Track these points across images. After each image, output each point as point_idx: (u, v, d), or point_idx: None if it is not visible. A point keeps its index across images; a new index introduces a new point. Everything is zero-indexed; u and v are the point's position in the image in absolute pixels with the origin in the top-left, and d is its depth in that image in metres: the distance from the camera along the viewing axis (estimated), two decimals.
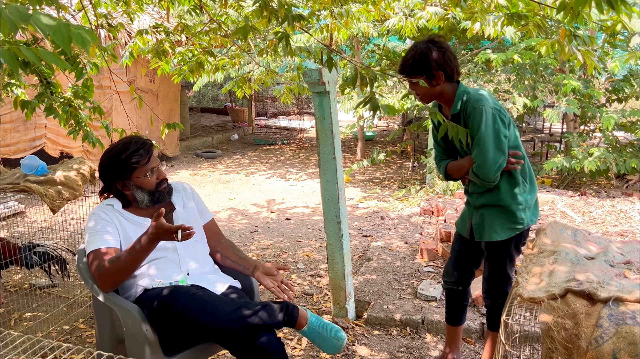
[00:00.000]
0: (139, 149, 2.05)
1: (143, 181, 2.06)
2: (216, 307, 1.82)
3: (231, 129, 12.73)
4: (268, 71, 4.35)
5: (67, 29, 0.95)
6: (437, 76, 2.07)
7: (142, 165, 2.04)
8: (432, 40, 2.09)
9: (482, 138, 2.02)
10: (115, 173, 2.06)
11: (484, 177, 2.07)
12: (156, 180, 2.08)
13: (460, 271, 2.47)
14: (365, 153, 9.25)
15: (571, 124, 7.23)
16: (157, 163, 2.10)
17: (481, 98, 2.05)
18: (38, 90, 3.34)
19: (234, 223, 5.34)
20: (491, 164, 2.03)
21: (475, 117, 2.02)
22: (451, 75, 2.10)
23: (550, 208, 4.82)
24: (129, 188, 2.07)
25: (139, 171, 2.05)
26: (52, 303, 3.28)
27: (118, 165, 2.04)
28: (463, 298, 2.54)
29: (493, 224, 2.20)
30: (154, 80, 8.50)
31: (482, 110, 2.02)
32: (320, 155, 2.96)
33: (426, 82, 2.06)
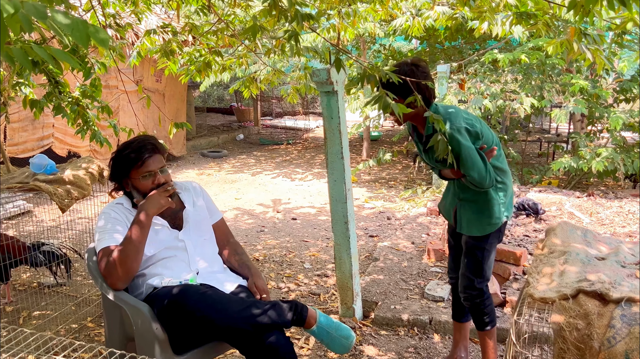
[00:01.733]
0: (136, 150, 2.07)
1: (138, 183, 2.08)
2: (226, 306, 1.82)
3: (237, 129, 12.75)
4: (275, 71, 4.36)
5: (85, 27, 0.95)
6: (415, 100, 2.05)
7: (137, 167, 2.07)
8: (416, 64, 2.14)
9: (467, 157, 2.09)
10: (118, 170, 2.11)
11: (483, 185, 2.16)
12: (151, 184, 2.07)
13: (458, 266, 2.49)
14: (371, 153, 9.24)
15: (578, 124, 7.21)
16: (155, 167, 2.08)
17: (454, 117, 2.11)
18: (46, 90, 3.36)
19: (240, 223, 5.35)
20: (485, 174, 2.13)
21: (452, 139, 2.07)
22: (428, 99, 2.15)
23: (557, 208, 4.80)
24: (128, 186, 2.11)
25: (134, 172, 2.08)
26: (60, 301, 3.29)
27: (119, 162, 2.10)
28: None
29: (472, 219, 2.29)
30: (161, 80, 8.53)
31: (453, 131, 2.07)
32: (328, 154, 2.96)
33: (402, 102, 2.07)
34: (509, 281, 3.29)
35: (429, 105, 2.17)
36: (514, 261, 3.35)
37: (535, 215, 4.50)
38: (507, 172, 2.32)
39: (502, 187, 2.29)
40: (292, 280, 3.81)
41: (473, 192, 2.27)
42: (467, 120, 2.15)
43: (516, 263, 3.35)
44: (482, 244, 2.30)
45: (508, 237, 4.04)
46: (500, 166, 2.28)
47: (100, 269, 1.96)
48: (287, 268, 4.05)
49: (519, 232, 4.14)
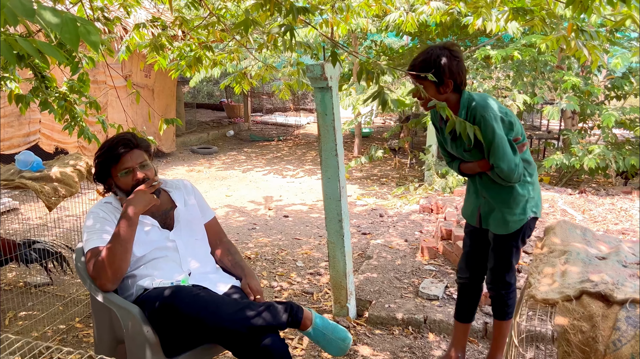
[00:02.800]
0: (111, 149, 2.02)
1: (119, 181, 2.04)
2: (220, 308, 1.77)
3: (227, 125, 12.65)
4: (267, 67, 4.29)
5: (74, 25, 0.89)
6: (446, 84, 2.06)
7: (114, 165, 2.02)
8: (449, 48, 2.07)
9: (499, 146, 2.04)
10: (99, 171, 2.07)
11: (511, 178, 2.10)
12: (131, 181, 2.02)
13: (474, 266, 2.47)
14: (362, 149, 9.21)
15: (569, 121, 7.22)
16: (133, 163, 2.02)
17: (487, 106, 2.06)
18: (32, 85, 3.27)
19: (231, 220, 5.29)
20: (514, 166, 2.07)
21: (486, 126, 2.03)
22: (459, 86, 2.10)
23: (550, 205, 4.79)
24: (112, 186, 2.07)
25: (113, 170, 2.03)
26: (47, 301, 3.21)
27: (99, 163, 2.05)
28: (476, 294, 2.53)
29: (500, 216, 2.23)
30: (150, 76, 8.42)
31: (490, 118, 2.03)
32: (322, 152, 2.91)
33: (434, 88, 2.06)
34: None
35: (460, 92, 2.12)
36: None
37: None
38: (534, 166, 2.27)
39: (530, 181, 2.23)
40: (284, 278, 3.76)
41: (498, 189, 2.21)
42: (501, 109, 2.11)
43: None
44: (510, 241, 2.26)
45: None
46: (528, 159, 2.23)
47: (89, 270, 1.90)
48: (280, 266, 4.00)
49: None
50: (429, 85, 2.04)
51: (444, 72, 2.02)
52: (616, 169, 5.40)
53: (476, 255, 2.45)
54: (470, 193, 2.41)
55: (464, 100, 2.11)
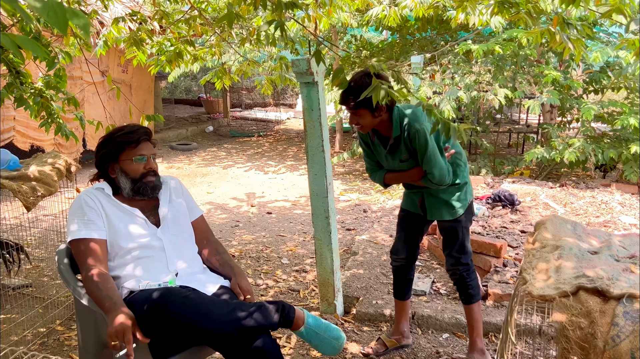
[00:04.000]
0: (131, 132, 2.00)
1: (128, 166, 1.98)
2: (210, 309, 1.72)
3: (206, 121, 12.50)
4: (249, 61, 4.23)
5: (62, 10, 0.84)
6: (380, 108, 2.20)
7: (130, 148, 1.98)
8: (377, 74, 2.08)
9: (432, 155, 2.23)
10: (106, 153, 2.01)
11: (442, 183, 2.30)
12: (143, 169, 1.99)
13: (409, 249, 2.67)
14: (344, 145, 9.19)
15: (547, 115, 7.29)
16: (149, 152, 2.02)
17: (418, 120, 2.22)
18: (6, 81, 3.16)
19: (213, 218, 5.21)
20: (445, 172, 2.28)
21: (420, 138, 2.20)
22: (391, 107, 2.27)
23: (532, 199, 4.83)
24: (115, 172, 2.01)
25: (126, 153, 1.99)
26: (26, 304, 3.12)
27: (110, 144, 2.00)
28: (410, 274, 2.74)
29: (446, 204, 2.44)
30: (127, 71, 8.26)
31: (423, 129, 2.19)
32: (309, 147, 2.88)
33: (370, 113, 2.21)
34: (490, 274, 3.28)
35: (391, 110, 2.28)
36: (494, 254, 3.34)
37: (512, 206, 4.51)
38: (464, 154, 2.50)
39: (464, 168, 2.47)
40: (270, 276, 3.72)
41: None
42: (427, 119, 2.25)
43: (496, 255, 3.34)
44: (458, 224, 2.46)
45: (486, 229, 4.03)
46: (458, 150, 2.43)
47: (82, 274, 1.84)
48: (264, 264, 3.96)
49: (496, 224, 4.14)
50: (364, 112, 2.19)
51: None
52: (595, 162, 5.47)
53: (410, 239, 2.65)
54: (410, 193, 2.58)
55: (396, 117, 2.26)
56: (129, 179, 1.98)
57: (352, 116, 2.25)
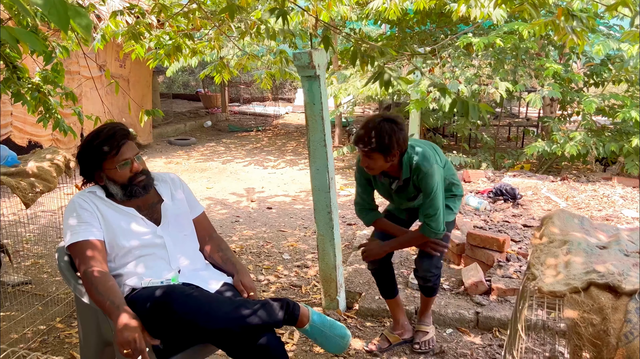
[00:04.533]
0: (109, 138, 1.87)
1: (114, 174, 1.89)
2: (214, 307, 1.69)
3: (204, 116, 12.45)
4: (249, 55, 4.19)
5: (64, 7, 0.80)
6: (393, 154, 2.22)
7: (111, 156, 1.87)
8: (394, 120, 2.21)
9: (435, 198, 2.27)
10: (88, 163, 1.92)
11: (437, 228, 2.32)
12: (129, 173, 1.90)
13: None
14: (343, 139, 9.15)
15: (547, 109, 7.27)
16: (131, 154, 1.91)
17: (427, 159, 2.26)
18: (3, 75, 3.12)
19: (213, 213, 5.18)
20: (441, 217, 2.31)
21: (427, 179, 2.24)
22: (402, 153, 2.28)
23: (533, 193, 4.82)
24: (102, 179, 1.92)
25: (108, 162, 1.88)
26: (26, 301, 3.09)
27: (89, 154, 1.90)
28: (390, 273, 2.70)
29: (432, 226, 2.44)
30: (125, 65, 8.20)
31: (432, 171, 2.24)
32: (310, 142, 2.84)
33: (382, 157, 2.22)
34: (493, 268, 3.25)
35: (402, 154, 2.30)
36: (497, 248, 3.32)
37: (513, 200, 4.50)
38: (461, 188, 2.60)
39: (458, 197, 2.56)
40: (271, 271, 3.69)
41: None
42: (435, 156, 2.32)
43: (499, 249, 3.32)
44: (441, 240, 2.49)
45: (488, 223, 4.02)
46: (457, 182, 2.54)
47: (79, 272, 1.80)
48: (266, 259, 3.93)
49: (498, 218, 4.12)
50: (378, 156, 2.21)
51: (392, 145, 2.17)
52: (596, 155, 5.45)
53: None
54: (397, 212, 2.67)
55: (406, 160, 2.28)
56: (118, 185, 1.91)
57: (365, 158, 2.24)
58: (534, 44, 5.90)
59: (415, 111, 6.19)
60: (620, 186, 4.95)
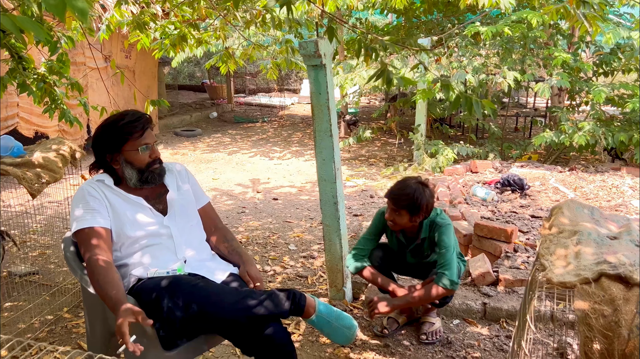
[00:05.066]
0: (134, 121, 1.88)
1: (134, 156, 1.89)
2: (220, 298, 1.69)
3: (210, 107, 12.43)
4: (255, 45, 4.17)
5: None
6: (420, 215, 2.43)
7: (134, 139, 1.87)
8: (427, 186, 2.44)
9: (451, 250, 2.42)
10: (107, 144, 1.90)
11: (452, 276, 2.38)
12: (149, 158, 1.91)
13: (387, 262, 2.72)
14: (348, 130, 9.11)
15: (555, 99, 7.20)
16: (152, 140, 1.93)
17: (446, 217, 2.51)
18: (9, 66, 3.11)
19: (219, 204, 5.18)
20: (456, 269, 2.40)
21: (445, 232, 2.44)
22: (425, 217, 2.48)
23: (541, 183, 4.77)
24: (118, 163, 1.91)
25: (130, 144, 1.88)
26: (33, 291, 3.10)
27: (111, 135, 1.89)
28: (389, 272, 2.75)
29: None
30: (130, 56, 8.19)
31: (449, 228, 2.46)
32: (316, 132, 2.82)
33: (408, 216, 2.41)
34: (501, 259, 3.23)
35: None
36: (505, 239, 3.29)
37: (521, 190, 4.46)
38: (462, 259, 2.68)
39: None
40: (277, 262, 3.69)
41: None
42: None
43: (507, 240, 3.29)
44: None
45: (495, 214, 3.99)
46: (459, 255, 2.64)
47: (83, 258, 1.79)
48: (272, 250, 3.93)
49: (505, 208, 4.09)
50: (405, 213, 2.40)
51: (422, 209, 2.39)
52: (605, 145, 5.40)
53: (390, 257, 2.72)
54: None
55: (427, 222, 2.49)
56: (135, 169, 1.90)
57: (392, 213, 2.43)
58: (542, 33, 5.83)
59: (421, 101, 6.15)
60: (629, 177, 4.90)
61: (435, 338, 2.65)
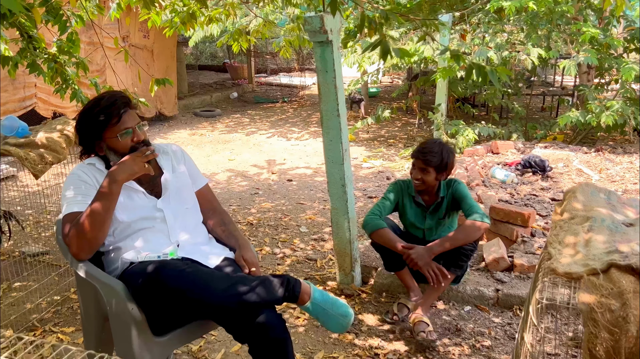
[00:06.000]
0: (109, 106, 1.79)
1: (115, 143, 1.82)
2: (209, 283, 1.63)
3: (230, 87, 12.38)
4: (266, 22, 4.06)
5: None
6: (443, 174, 2.59)
7: (112, 125, 1.80)
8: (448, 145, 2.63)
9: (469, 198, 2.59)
10: (87, 133, 1.84)
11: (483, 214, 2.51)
12: (131, 142, 1.83)
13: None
14: (369, 110, 8.96)
15: (584, 77, 6.91)
16: (133, 123, 1.83)
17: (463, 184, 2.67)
18: (20, 46, 3.09)
19: (233, 185, 5.14)
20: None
21: (462, 187, 2.63)
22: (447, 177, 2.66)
23: (564, 165, 4.60)
24: (102, 149, 1.85)
25: (109, 131, 1.81)
26: (42, 271, 3.11)
27: (89, 123, 1.82)
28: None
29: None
30: (149, 36, 8.15)
31: (462, 183, 2.65)
32: (323, 112, 2.72)
33: (435, 174, 2.56)
34: (517, 244, 3.11)
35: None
36: (521, 223, 3.17)
37: (542, 172, 4.30)
38: None
39: None
40: (287, 244, 3.63)
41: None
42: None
43: (524, 224, 3.17)
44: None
45: (514, 196, 3.85)
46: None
47: (64, 237, 1.75)
48: (283, 232, 3.87)
49: (525, 191, 3.94)
50: (433, 171, 2.55)
51: (447, 167, 2.56)
52: (635, 125, 5.15)
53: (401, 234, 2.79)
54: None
55: (444, 183, 2.65)
56: (119, 155, 1.82)
57: (419, 171, 2.56)
58: (570, 8, 5.57)
59: (442, 80, 5.97)
60: None
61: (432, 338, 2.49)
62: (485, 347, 2.43)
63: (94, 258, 1.86)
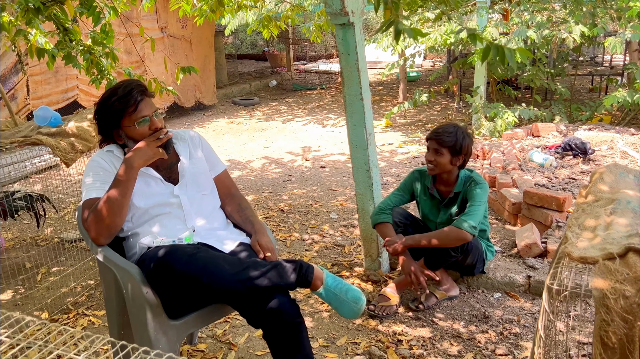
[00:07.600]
0: (126, 95, 1.81)
1: (133, 131, 1.84)
2: (220, 268, 1.63)
3: (269, 75, 12.43)
4: (293, 7, 4.04)
5: None
6: (459, 158, 2.45)
7: (129, 114, 1.82)
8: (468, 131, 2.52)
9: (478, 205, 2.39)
10: (105, 121, 1.87)
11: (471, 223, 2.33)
12: (148, 130, 1.84)
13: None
14: (408, 95, 8.81)
15: (635, 55, 6.55)
16: (149, 111, 1.85)
17: (483, 181, 2.49)
18: (57, 38, 3.19)
19: (267, 172, 5.17)
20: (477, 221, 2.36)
21: (477, 189, 2.43)
22: (463, 164, 2.50)
23: (609, 147, 4.38)
24: (121, 138, 1.88)
25: (126, 119, 1.83)
26: (78, 256, 3.22)
27: (106, 113, 1.85)
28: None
29: None
30: (187, 26, 8.26)
31: (483, 186, 2.45)
32: (346, 96, 2.69)
33: (450, 157, 2.43)
34: (551, 229, 2.99)
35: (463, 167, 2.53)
36: (556, 207, 3.04)
37: (584, 155, 4.11)
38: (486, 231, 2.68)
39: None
40: (316, 231, 3.62)
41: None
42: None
43: (559, 209, 3.04)
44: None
45: (552, 181, 3.70)
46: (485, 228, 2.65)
47: (83, 222, 1.80)
48: (313, 218, 3.86)
49: (564, 174, 3.79)
50: (447, 152, 2.42)
51: (462, 150, 2.43)
52: None
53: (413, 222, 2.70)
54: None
55: (464, 175, 2.51)
56: (137, 143, 1.85)
57: (433, 153, 2.45)
58: None
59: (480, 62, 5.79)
60: None
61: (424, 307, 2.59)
62: (513, 334, 2.35)
63: (116, 243, 1.90)
